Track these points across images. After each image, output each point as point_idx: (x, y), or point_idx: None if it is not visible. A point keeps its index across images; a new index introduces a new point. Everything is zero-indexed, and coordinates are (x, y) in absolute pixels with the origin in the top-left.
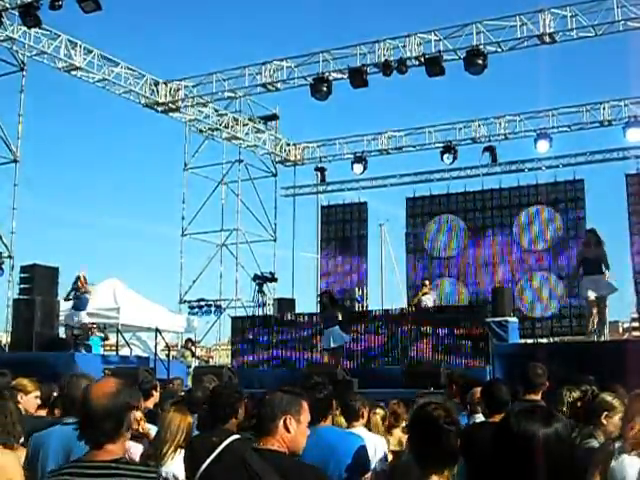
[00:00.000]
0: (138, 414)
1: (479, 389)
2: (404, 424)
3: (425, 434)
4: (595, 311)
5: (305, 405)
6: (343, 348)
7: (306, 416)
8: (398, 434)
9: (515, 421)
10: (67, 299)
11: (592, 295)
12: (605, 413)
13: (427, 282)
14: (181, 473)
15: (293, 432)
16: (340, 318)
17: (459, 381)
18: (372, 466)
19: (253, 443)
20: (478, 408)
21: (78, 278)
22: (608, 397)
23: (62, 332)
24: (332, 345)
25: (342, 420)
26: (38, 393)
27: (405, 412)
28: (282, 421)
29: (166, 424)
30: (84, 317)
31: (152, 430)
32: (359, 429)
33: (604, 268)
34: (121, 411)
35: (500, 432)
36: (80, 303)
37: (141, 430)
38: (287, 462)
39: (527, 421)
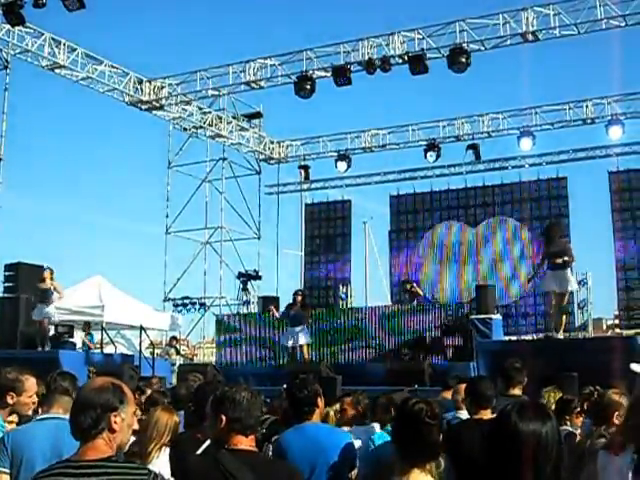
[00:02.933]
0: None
1: (462, 386)
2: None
3: (407, 428)
4: (555, 303)
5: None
6: (309, 347)
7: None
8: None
9: (515, 418)
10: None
11: (556, 289)
12: (616, 413)
13: (407, 284)
14: (166, 471)
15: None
16: (308, 319)
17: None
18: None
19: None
20: (462, 405)
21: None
22: (615, 396)
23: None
24: (294, 344)
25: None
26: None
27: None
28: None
29: (152, 422)
30: (52, 311)
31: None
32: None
33: (568, 261)
34: (96, 409)
35: (500, 430)
36: (45, 296)
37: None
38: (260, 460)
39: (528, 419)
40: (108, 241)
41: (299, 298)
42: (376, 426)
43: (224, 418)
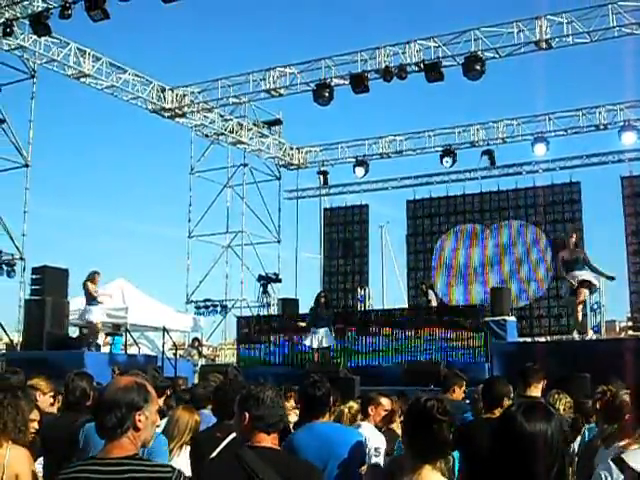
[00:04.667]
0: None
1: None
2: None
3: (418, 424)
4: (580, 302)
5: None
6: (329, 350)
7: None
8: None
9: (520, 418)
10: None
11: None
12: (628, 414)
13: (423, 286)
14: (187, 470)
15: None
16: (332, 321)
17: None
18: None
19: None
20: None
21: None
22: (628, 396)
23: (72, 332)
24: (323, 344)
25: (353, 408)
26: (53, 393)
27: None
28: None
29: (174, 421)
30: (95, 314)
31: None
32: (364, 423)
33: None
34: (121, 408)
35: (504, 428)
36: (91, 299)
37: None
38: (282, 457)
39: (532, 418)
40: (132, 245)
41: (322, 300)
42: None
43: (247, 415)
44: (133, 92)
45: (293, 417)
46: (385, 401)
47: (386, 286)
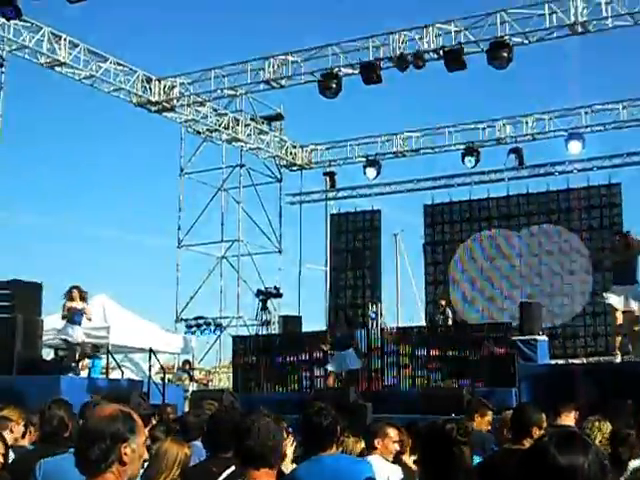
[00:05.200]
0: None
1: (509, 414)
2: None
3: (436, 449)
4: (619, 324)
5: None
6: (357, 374)
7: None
8: None
9: (553, 450)
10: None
11: (619, 306)
12: None
13: (443, 300)
14: None
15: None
16: (356, 340)
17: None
18: None
19: (244, 477)
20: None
21: (70, 291)
22: None
23: (46, 354)
24: (345, 368)
25: (358, 445)
26: (24, 423)
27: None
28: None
29: (161, 454)
30: (80, 333)
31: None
32: (374, 457)
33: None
34: (106, 439)
35: (534, 462)
36: (74, 316)
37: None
38: None
39: (566, 450)
40: (114, 256)
41: (342, 318)
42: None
43: (238, 450)
44: (115, 83)
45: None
46: (393, 432)
47: (401, 302)
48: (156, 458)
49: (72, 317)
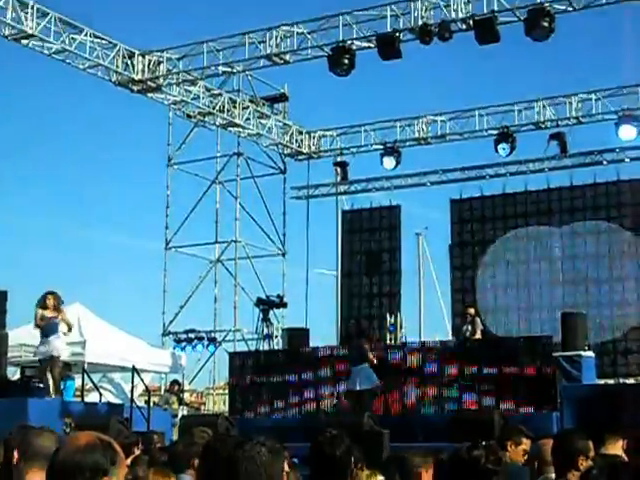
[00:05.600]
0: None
1: (548, 441)
2: None
3: (463, 479)
4: None
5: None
6: (373, 393)
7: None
8: None
9: None
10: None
11: None
12: None
13: (471, 309)
14: None
15: None
16: (370, 353)
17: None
18: None
19: None
20: (548, 467)
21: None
22: None
23: (12, 373)
24: (358, 387)
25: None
26: None
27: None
28: None
29: None
30: (59, 345)
31: None
32: None
33: None
34: (87, 473)
35: None
36: (48, 328)
37: None
38: None
39: None
40: (90, 259)
41: (353, 328)
42: None
43: None
44: (92, 58)
45: None
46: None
47: (424, 312)
48: None
49: (49, 329)
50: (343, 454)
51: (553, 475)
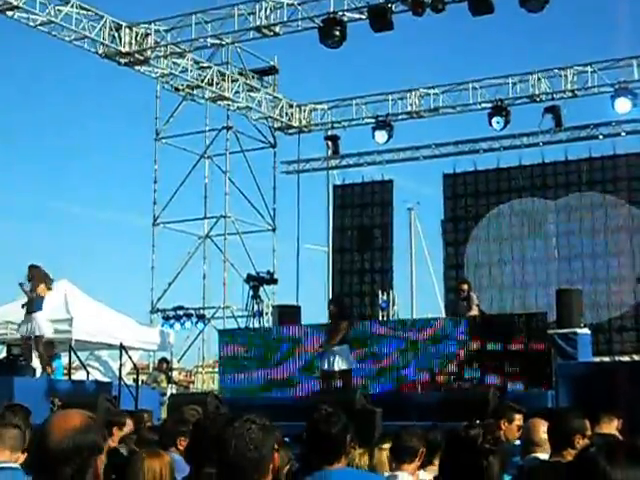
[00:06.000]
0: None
1: (538, 421)
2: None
3: (460, 460)
4: None
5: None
6: (350, 374)
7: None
8: None
9: (603, 462)
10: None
11: None
12: None
13: (465, 285)
14: None
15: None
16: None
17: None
18: None
19: None
20: (535, 447)
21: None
22: None
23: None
24: (335, 368)
25: (364, 459)
26: None
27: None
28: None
29: (141, 474)
30: (44, 324)
31: None
32: (403, 475)
33: None
34: (84, 454)
35: (581, 476)
36: (33, 304)
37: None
38: None
39: (618, 462)
40: (77, 235)
41: (334, 309)
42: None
43: (217, 465)
44: (78, 30)
45: None
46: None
47: (416, 288)
48: (134, 477)
49: (33, 305)
50: (339, 432)
51: (540, 455)
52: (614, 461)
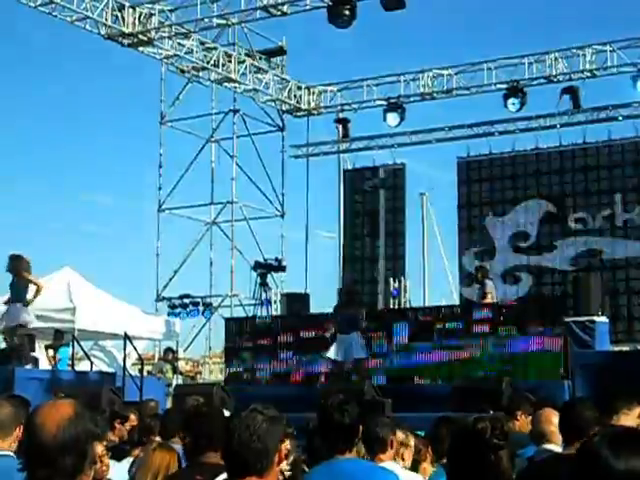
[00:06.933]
0: (99, 448)
1: (549, 411)
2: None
3: (466, 454)
4: None
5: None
6: (361, 364)
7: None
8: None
9: (605, 452)
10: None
11: None
12: None
13: (479, 272)
14: None
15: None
16: (363, 322)
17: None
18: None
19: None
20: (546, 438)
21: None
22: None
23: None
24: (345, 357)
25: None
26: None
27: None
28: (277, 454)
29: (153, 468)
30: (28, 315)
31: (116, 468)
32: (388, 463)
33: None
34: (83, 442)
35: (583, 467)
36: (17, 293)
37: (104, 468)
38: None
39: (622, 452)
40: (80, 222)
41: (344, 295)
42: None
43: (223, 456)
44: (80, 11)
45: None
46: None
47: (428, 276)
48: (145, 470)
49: (19, 294)
50: (352, 422)
51: (551, 446)
52: (617, 451)
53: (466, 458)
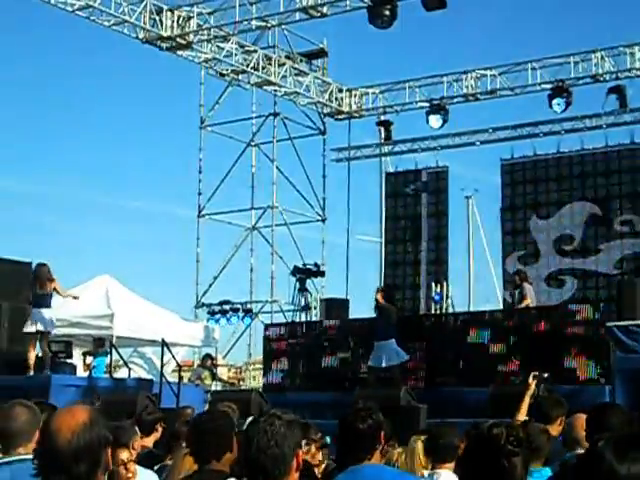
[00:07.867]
0: (125, 454)
1: (581, 417)
2: None
3: (480, 459)
4: None
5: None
6: (399, 369)
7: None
8: None
9: (609, 456)
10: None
11: None
12: None
13: (517, 275)
14: None
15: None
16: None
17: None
18: None
19: None
20: (577, 444)
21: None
22: None
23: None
24: (384, 364)
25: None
26: None
27: None
28: (295, 459)
29: (181, 469)
30: (50, 321)
31: (145, 476)
32: (447, 473)
33: None
34: (96, 448)
35: (587, 472)
36: (42, 299)
37: (129, 475)
38: None
39: (627, 456)
40: (119, 229)
41: (379, 296)
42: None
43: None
44: (117, 15)
45: None
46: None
47: (473, 280)
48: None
49: (45, 301)
50: (368, 428)
51: (582, 452)
52: (621, 455)
53: (479, 463)
